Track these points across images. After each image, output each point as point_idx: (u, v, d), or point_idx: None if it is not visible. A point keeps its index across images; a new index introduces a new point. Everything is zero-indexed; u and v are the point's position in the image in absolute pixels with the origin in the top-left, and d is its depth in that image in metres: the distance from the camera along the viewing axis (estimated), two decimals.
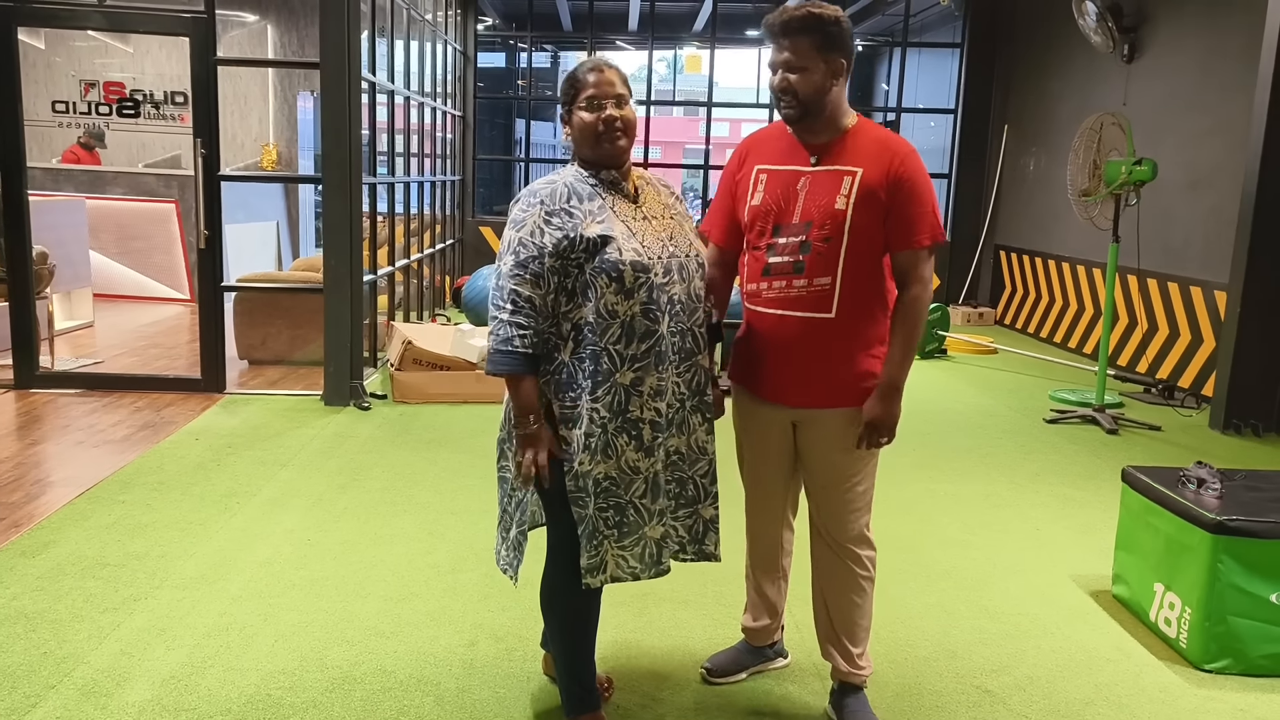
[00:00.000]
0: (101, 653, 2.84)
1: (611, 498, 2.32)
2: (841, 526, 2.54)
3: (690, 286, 2.36)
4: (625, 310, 2.24)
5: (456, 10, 10.61)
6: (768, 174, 2.47)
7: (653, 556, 2.39)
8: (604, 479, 2.30)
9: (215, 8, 5.65)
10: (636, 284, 2.24)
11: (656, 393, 2.31)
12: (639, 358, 2.27)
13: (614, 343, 2.26)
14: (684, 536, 2.48)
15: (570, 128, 2.33)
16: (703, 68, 15.62)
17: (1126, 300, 7.78)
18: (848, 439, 2.46)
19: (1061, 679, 2.93)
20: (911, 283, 2.40)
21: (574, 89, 2.31)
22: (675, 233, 2.37)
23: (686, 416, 2.42)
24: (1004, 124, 9.78)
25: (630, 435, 2.30)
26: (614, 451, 2.29)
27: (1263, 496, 3.15)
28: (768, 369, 2.48)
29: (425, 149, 9.08)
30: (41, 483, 4.31)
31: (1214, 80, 6.94)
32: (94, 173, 9.95)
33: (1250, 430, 5.93)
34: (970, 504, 4.44)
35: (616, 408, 2.28)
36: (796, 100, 2.36)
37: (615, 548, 2.34)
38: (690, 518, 2.48)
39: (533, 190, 2.30)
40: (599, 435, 2.27)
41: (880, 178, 2.34)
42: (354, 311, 5.89)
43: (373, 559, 3.57)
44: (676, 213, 2.43)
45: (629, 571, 2.37)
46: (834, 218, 2.35)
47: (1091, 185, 6.18)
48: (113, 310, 8.73)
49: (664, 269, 2.28)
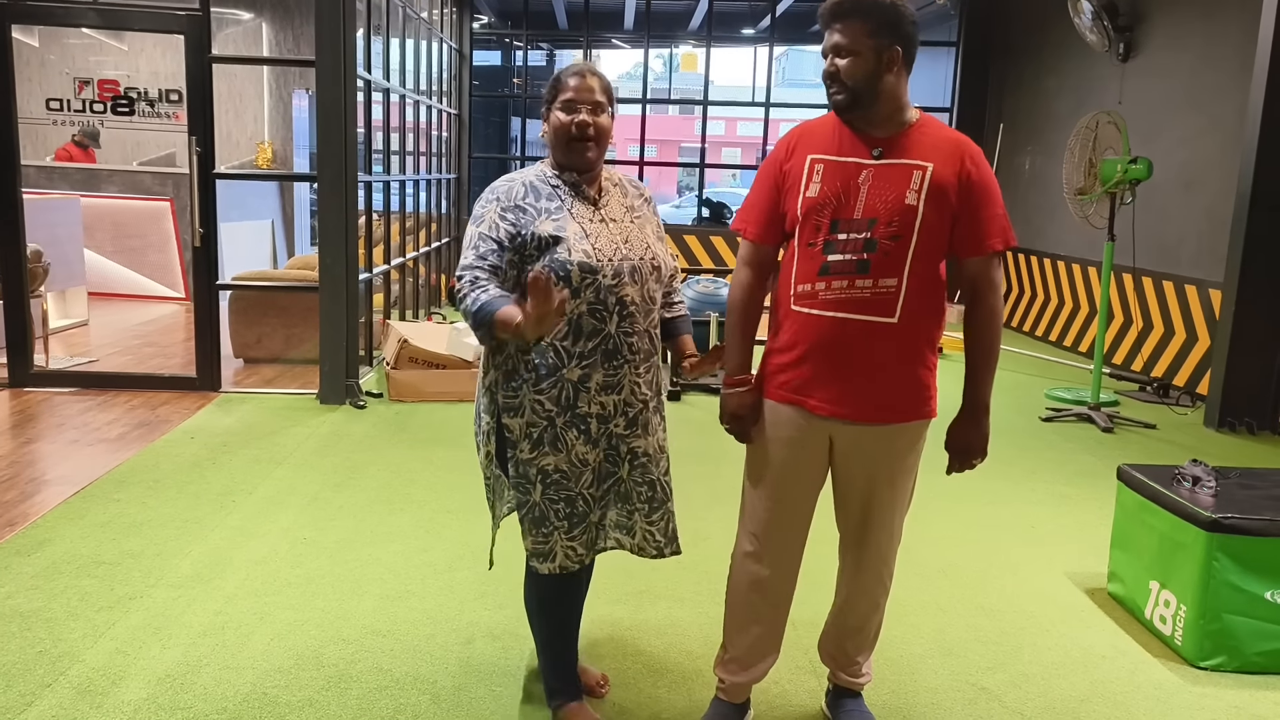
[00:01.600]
0: (97, 651, 2.83)
1: (563, 490, 2.37)
2: (877, 545, 2.44)
3: (644, 289, 2.37)
4: (572, 308, 2.29)
5: (452, 8, 10.59)
6: (824, 164, 2.26)
7: (591, 540, 2.44)
8: (554, 471, 2.36)
9: (210, 6, 5.64)
10: (583, 284, 2.28)
11: (604, 388, 2.35)
12: (586, 355, 2.32)
13: (561, 339, 2.31)
14: (660, 540, 2.47)
15: (547, 125, 2.40)
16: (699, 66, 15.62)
17: (1122, 299, 7.80)
18: (895, 455, 2.35)
19: (1057, 676, 2.94)
20: (986, 291, 2.29)
21: (555, 90, 2.37)
22: (632, 237, 2.38)
23: (649, 417, 2.44)
24: (999, 123, 9.79)
25: (579, 430, 2.35)
26: (564, 445, 2.35)
27: (1257, 494, 3.16)
28: (818, 375, 2.28)
29: (421, 147, 9.07)
30: (36, 481, 4.30)
31: (1209, 79, 6.96)
32: (88, 171, 9.92)
33: (1245, 428, 5.95)
34: (966, 502, 4.44)
35: (565, 402, 2.33)
36: (844, 87, 2.22)
37: (565, 538, 2.39)
38: (664, 519, 2.47)
39: (493, 188, 2.38)
40: (546, 428, 2.33)
41: (951, 176, 2.21)
42: (349, 310, 5.88)
43: (369, 557, 3.57)
44: (639, 216, 2.45)
45: (576, 560, 2.42)
46: (904, 214, 2.20)
47: (1087, 184, 6.19)
48: (107, 309, 8.70)
49: (614, 271, 2.31)
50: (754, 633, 2.52)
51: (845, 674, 2.62)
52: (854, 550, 2.49)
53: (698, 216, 12.24)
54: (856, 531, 2.46)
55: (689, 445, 4.91)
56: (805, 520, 2.45)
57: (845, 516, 2.47)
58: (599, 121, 2.34)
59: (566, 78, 2.36)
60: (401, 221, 8.37)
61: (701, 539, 3.82)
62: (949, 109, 10.87)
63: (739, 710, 2.58)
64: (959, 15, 10.75)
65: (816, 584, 2.88)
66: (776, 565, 2.45)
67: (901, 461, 2.37)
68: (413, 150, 8.74)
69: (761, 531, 2.43)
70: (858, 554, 2.48)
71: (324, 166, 5.75)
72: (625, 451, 2.41)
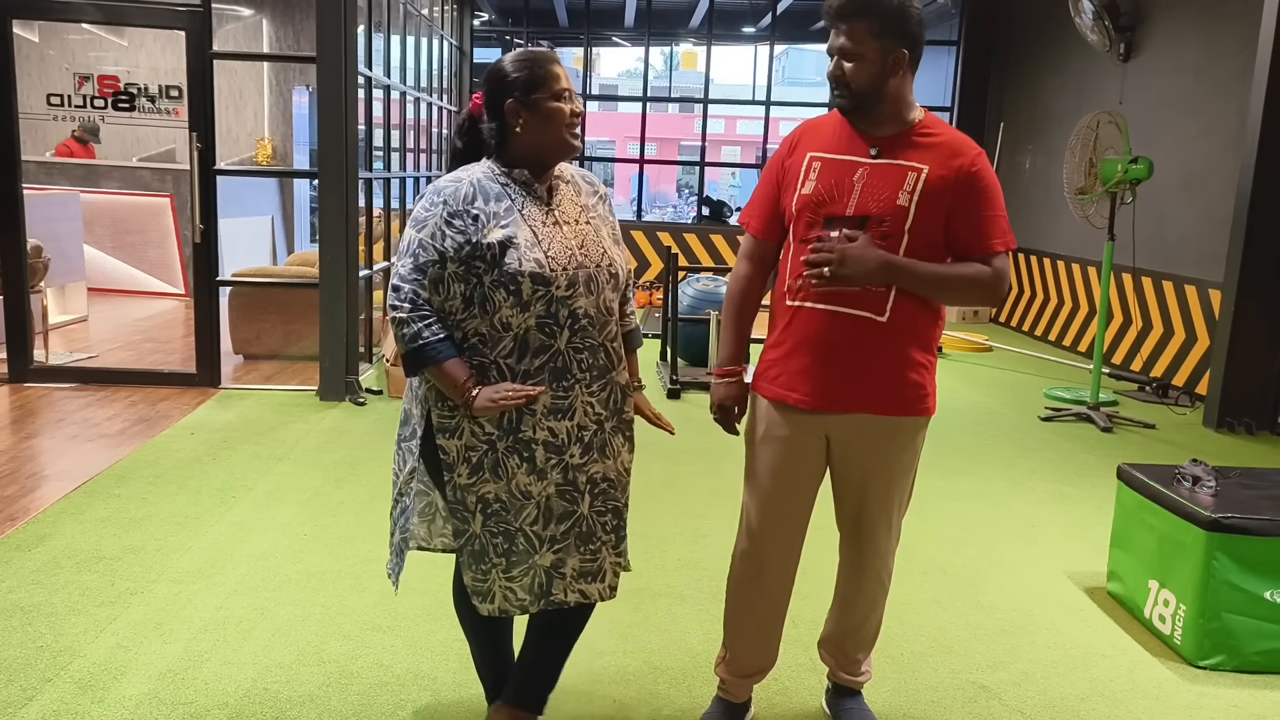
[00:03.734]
0: (98, 646, 2.83)
1: (501, 523, 2.18)
2: (875, 542, 2.44)
3: (600, 299, 2.19)
4: (520, 323, 2.10)
5: (453, 5, 10.59)
6: (822, 162, 2.27)
7: (542, 587, 2.22)
8: (494, 500, 2.17)
9: (211, 1, 5.63)
10: (534, 296, 2.09)
11: (552, 411, 2.16)
12: (531, 374, 2.13)
13: (505, 356, 2.12)
14: (615, 579, 2.31)
15: (527, 115, 2.15)
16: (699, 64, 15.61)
17: (1121, 298, 7.80)
18: (892, 452, 2.35)
19: (1057, 675, 2.94)
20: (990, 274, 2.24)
21: (542, 79, 2.15)
22: (588, 240, 2.20)
23: (608, 439, 2.25)
24: (1000, 122, 9.79)
25: (522, 457, 2.15)
26: (504, 472, 2.16)
27: (1257, 494, 3.16)
28: (809, 370, 2.28)
29: (421, 144, 9.06)
30: (36, 476, 4.30)
31: (1209, 80, 6.96)
32: (88, 166, 9.91)
33: (1244, 428, 5.96)
34: (966, 501, 4.45)
35: (507, 425, 2.14)
36: (848, 90, 2.21)
37: (503, 578, 2.20)
38: (624, 553, 2.34)
39: (437, 188, 2.15)
40: (485, 452, 2.15)
41: (948, 177, 2.20)
42: (349, 307, 5.88)
43: (369, 553, 3.57)
44: (595, 215, 2.27)
45: (517, 604, 2.23)
46: (895, 214, 2.20)
47: (1088, 183, 6.19)
48: (107, 304, 8.70)
49: (568, 281, 2.12)
50: (754, 631, 2.52)
51: (845, 672, 2.62)
52: (852, 548, 2.49)
53: (698, 215, 12.23)
54: (854, 529, 2.46)
55: (689, 443, 4.90)
56: (803, 518, 2.44)
57: (843, 514, 2.47)
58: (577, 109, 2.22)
59: (549, 66, 2.17)
60: (402, 218, 8.37)
61: (701, 537, 3.83)
62: (949, 108, 10.88)
63: (740, 709, 2.59)
64: (960, 14, 10.76)
65: (817, 582, 2.89)
66: (774, 563, 2.45)
67: (898, 459, 2.37)
68: (413, 147, 8.74)
69: (759, 530, 2.43)
70: (856, 552, 2.49)
71: (325, 163, 5.75)
72: (585, 482, 2.22)
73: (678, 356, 6.72)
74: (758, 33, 14.38)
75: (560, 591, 2.24)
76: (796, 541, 2.46)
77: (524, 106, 2.16)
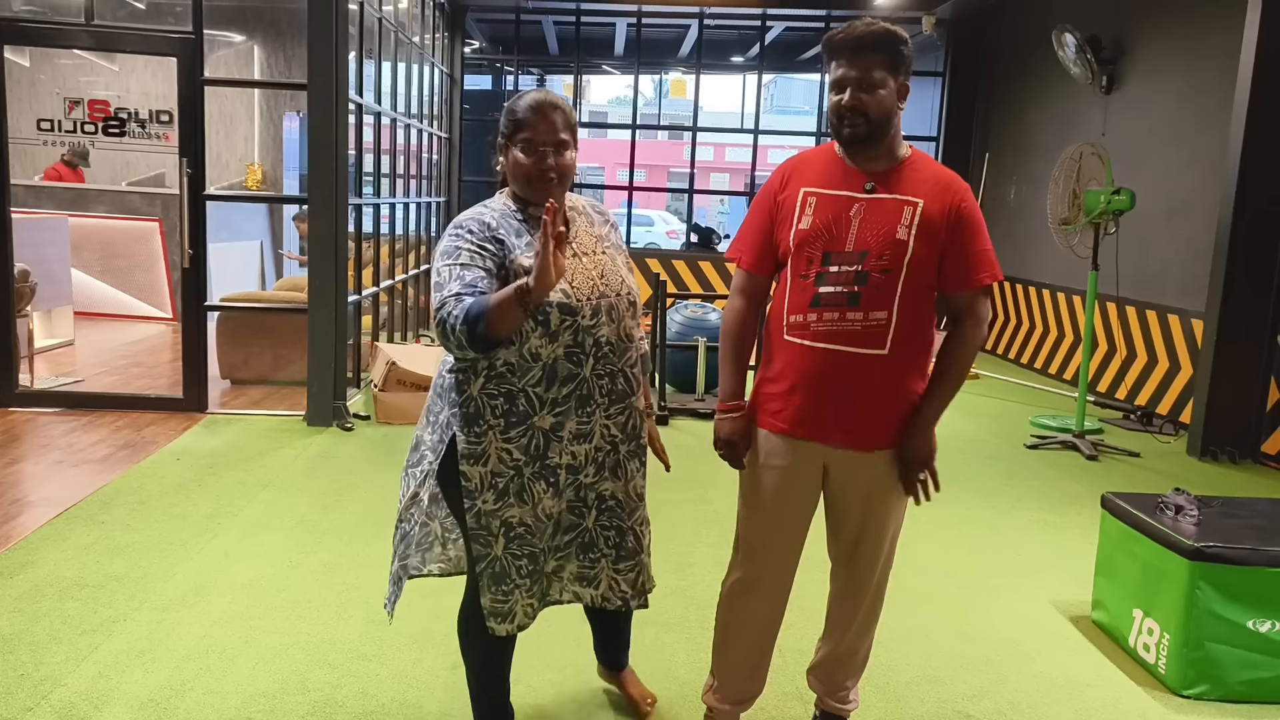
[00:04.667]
0: (79, 675, 2.81)
1: (526, 545, 2.25)
2: (870, 571, 2.45)
3: (620, 327, 2.26)
4: (548, 353, 2.16)
5: (444, 33, 10.66)
6: (817, 197, 2.30)
7: (543, 590, 2.35)
8: (518, 524, 2.23)
9: (203, 28, 5.66)
10: (562, 326, 2.15)
11: (576, 437, 2.24)
12: (559, 401, 2.19)
13: (533, 385, 2.18)
14: (626, 591, 2.41)
15: (505, 160, 2.23)
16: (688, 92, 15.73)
17: (1106, 327, 7.87)
18: (889, 483, 2.36)
19: (1042, 704, 2.95)
20: (968, 322, 2.32)
21: (514, 125, 2.20)
22: (607, 270, 2.27)
23: (622, 461, 2.33)
24: (985, 152, 9.90)
25: (548, 482, 2.23)
26: (530, 497, 2.22)
27: (1239, 524, 3.18)
28: (810, 405, 2.30)
29: (411, 170, 9.10)
30: (19, 502, 4.28)
31: (1191, 113, 7.06)
32: (77, 190, 9.90)
33: (1227, 457, 5.99)
34: (951, 529, 4.46)
35: (535, 452, 2.20)
36: (866, 120, 2.22)
37: (525, 596, 2.28)
38: (633, 570, 2.41)
39: (458, 224, 2.19)
40: (512, 478, 2.20)
41: (941, 212, 2.24)
42: (338, 332, 5.88)
43: (355, 581, 3.56)
44: (609, 245, 2.34)
45: (531, 615, 2.33)
46: (894, 248, 2.22)
47: (1071, 214, 6.26)
48: (93, 329, 8.67)
49: (592, 310, 2.19)
50: (744, 659, 2.52)
51: (833, 700, 2.62)
52: (847, 574, 2.50)
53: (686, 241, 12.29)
54: (849, 558, 2.47)
55: (676, 471, 4.85)
56: (798, 547, 2.45)
57: (838, 544, 2.48)
58: (562, 162, 2.20)
59: (526, 113, 2.18)
60: (391, 244, 8.39)
61: (688, 565, 3.82)
62: (935, 138, 11.00)
63: None
64: (945, 46, 10.89)
65: (802, 611, 2.89)
66: (768, 590, 2.46)
67: (895, 487, 2.39)
68: (403, 173, 8.77)
69: (755, 556, 2.44)
70: (850, 578, 2.49)
71: (314, 189, 5.76)
72: (593, 499, 2.32)
73: (666, 383, 6.73)
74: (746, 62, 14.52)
75: (556, 592, 2.38)
76: (790, 569, 2.47)
77: (502, 149, 2.25)
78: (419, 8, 9.30)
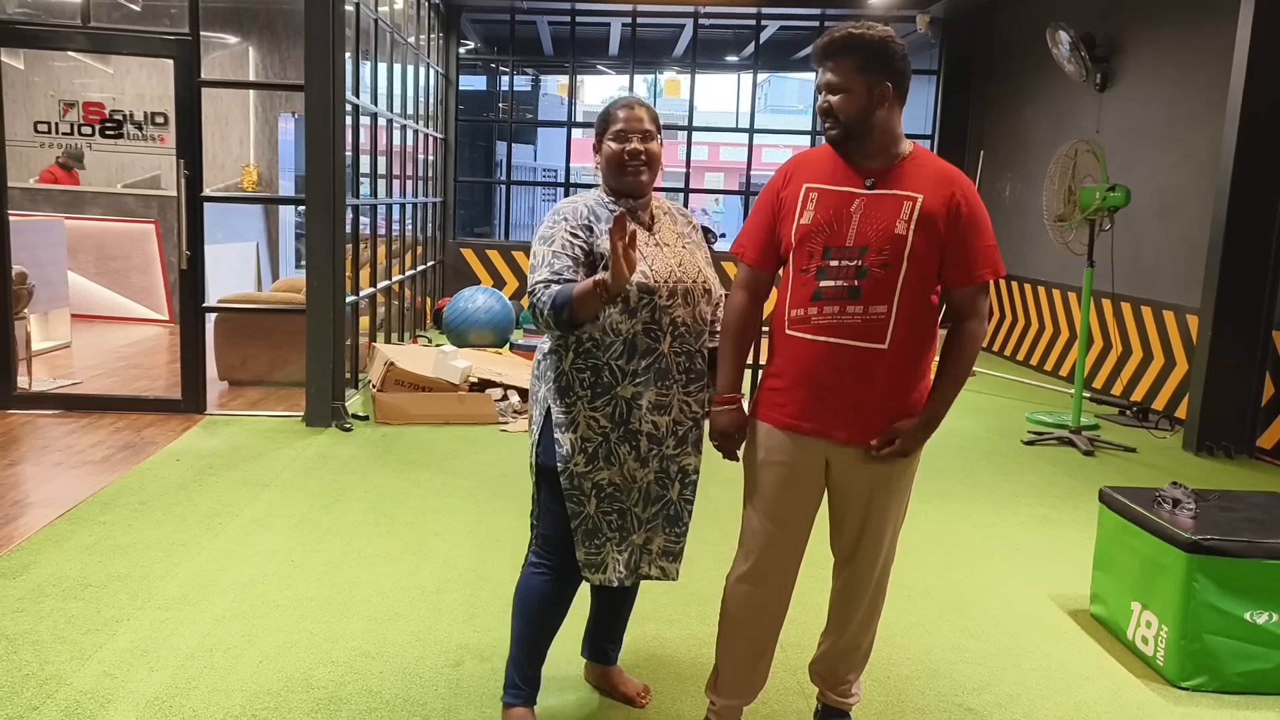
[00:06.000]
0: (84, 674, 2.82)
1: (615, 503, 2.47)
2: (872, 566, 2.47)
3: (695, 310, 2.48)
4: (628, 328, 2.39)
5: (439, 34, 10.67)
6: (818, 193, 2.33)
7: (634, 563, 2.52)
8: (608, 485, 2.45)
9: (200, 30, 5.67)
10: (640, 304, 2.38)
11: (656, 407, 2.44)
12: (639, 373, 2.42)
13: (616, 358, 2.41)
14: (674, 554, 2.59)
15: (600, 156, 2.51)
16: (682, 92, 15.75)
17: (1101, 323, 7.90)
18: (891, 478, 2.39)
19: (1042, 697, 2.97)
20: (970, 318, 2.34)
21: (605, 122, 2.50)
22: (685, 260, 2.49)
23: (702, 435, 2.57)
24: (980, 150, 9.93)
25: (631, 445, 2.44)
26: (617, 459, 2.45)
27: (1236, 516, 3.21)
28: (812, 400, 2.33)
29: (407, 171, 9.11)
30: (20, 504, 4.28)
31: (1184, 110, 7.09)
32: (73, 193, 9.89)
33: (1223, 452, 6.03)
34: (950, 525, 4.48)
35: (619, 418, 2.43)
36: (838, 122, 2.29)
37: (615, 550, 2.49)
38: (683, 537, 2.60)
39: (557, 210, 2.49)
40: (599, 443, 2.43)
41: (940, 207, 2.27)
42: (336, 332, 5.89)
43: (357, 579, 3.57)
44: (690, 242, 2.57)
45: (618, 575, 2.50)
46: (894, 243, 2.25)
47: (1066, 211, 6.29)
48: (90, 331, 8.66)
49: (669, 292, 2.42)
50: (748, 653, 2.54)
51: (835, 694, 2.64)
52: (849, 569, 2.51)
53: None
54: (851, 553, 2.48)
55: None
56: (802, 543, 2.47)
57: (840, 539, 2.50)
58: (650, 148, 2.47)
59: (616, 110, 2.49)
60: (388, 244, 8.40)
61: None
62: (930, 136, 11.02)
63: None
64: (940, 44, 10.92)
65: (802, 606, 2.90)
66: (773, 587, 2.48)
67: (897, 483, 2.41)
68: (399, 174, 8.78)
69: (759, 554, 2.45)
70: (852, 573, 2.51)
71: (311, 189, 5.77)
72: (676, 471, 2.51)
73: None
74: (741, 61, 14.54)
75: (647, 566, 2.54)
76: (795, 564, 2.48)
77: (596, 148, 2.54)
78: (414, 9, 9.31)
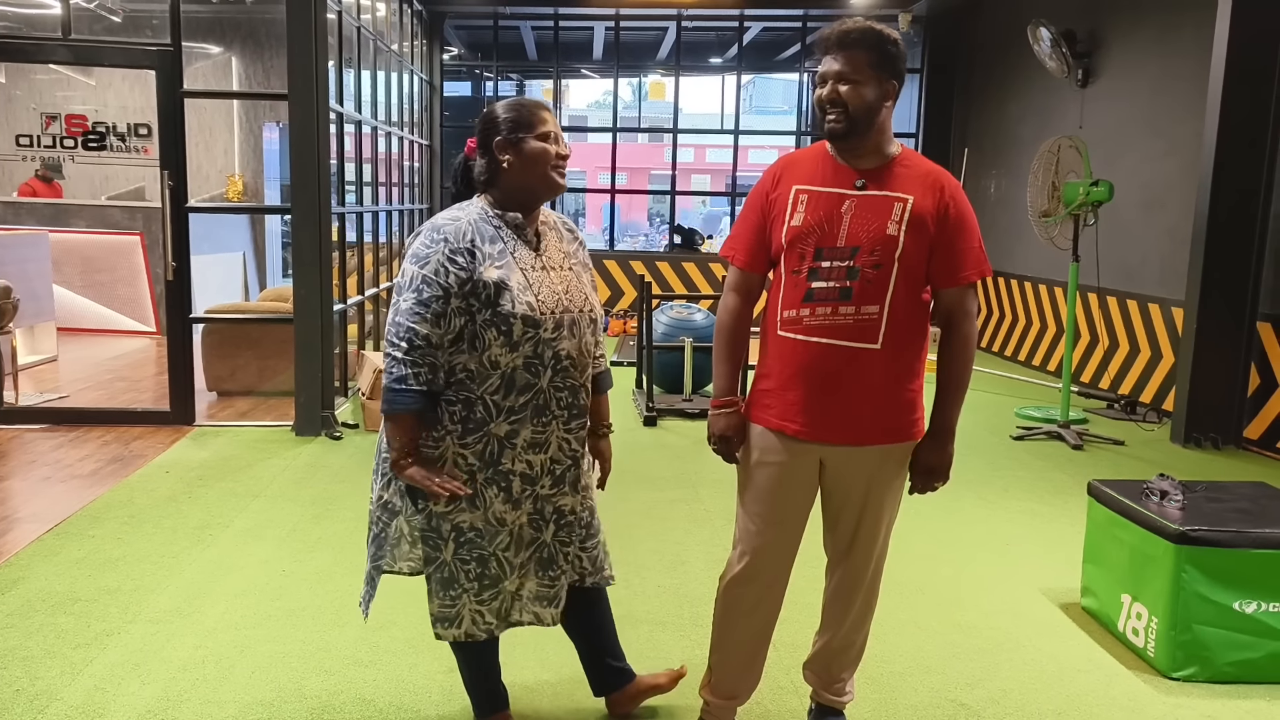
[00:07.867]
0: (75, 689, 2.81)
1: (475, 549, 2.30)
2: (866, 564, 2.47)
3: (581, 342, 2.33)
4: (508, 362, 2.23)
5: (422, 41, 10.67)
6: (808, 194, 2.32)
7: (506, 610, 2.38)
8: (469, 529, 2.29)
9: (182, 41, 5.65)
10: (523, 337, 2.22)
11: (531, 445, 2.30)
12: (516, 410, 2.26)
13: (491, 393, 2.25)
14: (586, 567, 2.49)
15: (512, 156, 2.28)
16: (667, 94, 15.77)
17: (1087, 318, 7.93)
18: (885, 476, 2.39)
19: (1034, 690, 2.98)
20: (960, 319, 2.36)
21: (527, 122, 2.29)
22: (571, 286, 2.34)
23: (581, 475, 2.41)
24: (964, 147, 9.97)
25: (500, 487, 2.29)
26: (482, 502, 2.28)
27: (1223, 507, 3.23)
28: (806, 402, 2.32)
29: (393, 178, 9.10)
30: (8, 519, 4.26)
31: (1166, 104, 7.14)
32: (57, 206, 9.85)
33: (1210, 443, 6.06)
34: (940, 520, 4.49)
35: (489, 458, 2.27)
36: (845, 113, 2.25)
37: (474, 601, 2.32)
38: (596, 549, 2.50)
39: (436, 226, 2.24)
40: (464, 482, 2.25)
41: (930, 208, 2.28)
42: (324, 341, 5.87)
43: (349, 588, 3.56)
44: (576, 262, 2.41)
45: (484, 628, 2.35)
46: (885, 244, 2.25)
47: (1051, 206, 6.32)
48: (77, 344, 8.62)
49: (554, 324, 2.26)
50: (742, 653, 2.55)
51: (829, 692, 2.64)
52: (843, 569, 2.52)
53: (670, 243, 12.32)
54: (845, 552, 2.49)
55: (667, 470, 4.93)
56: (795, 542, 2.47)
57: (834, 538, 2.50)
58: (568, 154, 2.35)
59: (537, 111, 2.31)
60: (375, 252, 8.38)
61: (681, 563, 3.84)
62: (914, 134, 11.06)
63: None
64: (922, 42, 10.97)
65: (795, 605, 2.91)
66: (766, 587, 2.48)
67: (891, 482, 2.42)
68: (385, 181, 8.77)
69: (753, 554, 2.44)
70: (846, 572, 2.51)
71: (297, 198, 5.76)
72: (551, 511, 2.37)
73: (653, 384, 6.75)
74: (725, 63, 14.57)
75: (519, 613, 2.39)
76: (788, 564, 2.49)
77: (511, 145, 2.29)
78: (397, 16, 9.30)
